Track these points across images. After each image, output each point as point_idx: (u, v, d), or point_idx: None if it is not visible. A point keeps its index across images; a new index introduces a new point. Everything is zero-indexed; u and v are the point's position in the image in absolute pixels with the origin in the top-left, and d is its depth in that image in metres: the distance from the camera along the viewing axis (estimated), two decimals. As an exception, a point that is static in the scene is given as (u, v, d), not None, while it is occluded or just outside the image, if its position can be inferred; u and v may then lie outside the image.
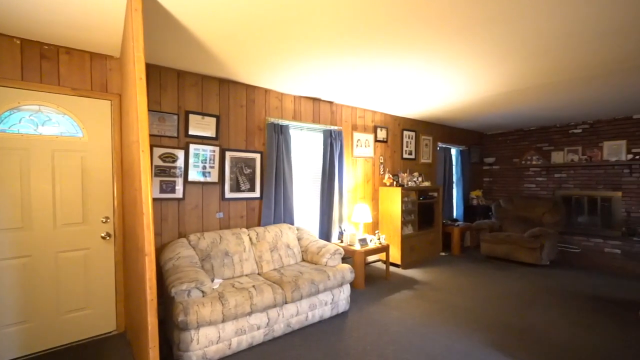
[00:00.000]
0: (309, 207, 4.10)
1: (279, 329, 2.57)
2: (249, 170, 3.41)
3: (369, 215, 4.15)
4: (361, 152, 4.53)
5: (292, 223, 3.66)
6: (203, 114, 3.09)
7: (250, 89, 3.42)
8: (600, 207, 5.29)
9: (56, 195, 2.44)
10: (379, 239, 4.02)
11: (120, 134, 2.64)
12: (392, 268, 4.49)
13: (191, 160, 3.02)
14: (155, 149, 2.83)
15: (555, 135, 5.85)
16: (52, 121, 2.42)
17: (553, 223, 4.92)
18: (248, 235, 3.13)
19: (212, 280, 2.66)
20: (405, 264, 4.50)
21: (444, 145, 5.86)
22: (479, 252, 5.49)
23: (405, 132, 5.19)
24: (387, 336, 2.61)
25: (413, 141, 5.33)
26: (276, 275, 2.85)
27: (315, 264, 3.16)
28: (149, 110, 2.79)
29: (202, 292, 2.31)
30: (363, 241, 3.84)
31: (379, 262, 4.78)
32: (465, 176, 6.24)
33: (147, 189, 1.57)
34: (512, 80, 3.20)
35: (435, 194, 5.16)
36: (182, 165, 2.98)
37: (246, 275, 2.88)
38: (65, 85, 2.44)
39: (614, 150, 5.17)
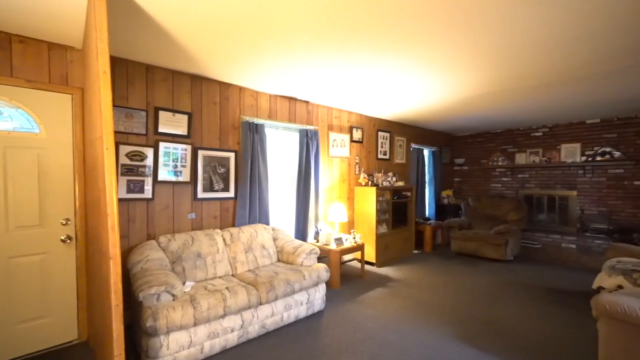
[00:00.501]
0: (285, 207, 4.08)
1: (254, 330, 2.53)
2: (222, 170, 3.33)
3: (345, 214, 4.19)
4: (337, 152, 4.56)
5: (267, 223, 3.61)
6: (174, 111, 2.98)
7: (224, 86, 3.34)
8: (558, 206, 5.68)
9: (8, 196, 2.25)
10: (354, 238, 4.07)
11: (83, 131, 2.48)
12: (367, 266, 4.56)
13: (161, 158, 2.90)
14: (121, 146, 2.69)
15: (519, 138, 6.20)
16: (4, 115, 2.23)
17: (517, 220, 5.22)
18: (222, 236, 3.06)
19: (184, 283, 2.57)
20: (380, 262, 4.59)
21: (417, 146, 6.03)
22: (449, 249, 5.70)
23: (380, 133, 5.29)
24: (361, 333, 2.65)
25: (388, 142, 5.44)
26: (251, 276, 2.81)
27: (291, 264, 3.14)
28: (114, 105, 2.65)
29: (173, 295, 2.22)
30: (339, 240, 3.87)
31: (355, 261, 4.84)
32: (437, 176, 6.46)
33: (112, 188, 1.49)
34: (481, 85, 3.35)
35: (409, 194, 5.30)
36: (152, 164, 2.85)
37: (220, 277, 2.81)
38: (19, 77, 2.25)
39: (570, 153, 5.56)
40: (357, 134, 4.85)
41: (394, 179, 5.10)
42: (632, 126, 5.04)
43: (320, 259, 4.22)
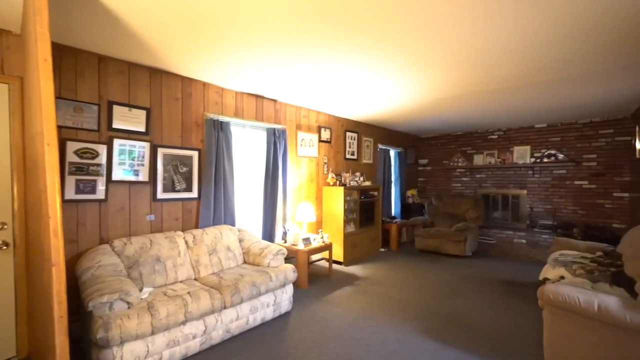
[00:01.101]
0: (252, 207, 3.99)
1: (218, 336, 2.44)
2: (185, 169, 3.17)
3: (313, 214, 4.18)
4: (305, 151, 4.55)
5: (233, 224, 3.51)
6: (130, 106, 2.79)
7: (186, 81, 3.19)
8: (511, 204, 6.11)
9: None
10: (322, 237, 4.08)
11: (23, 125, 2.24)
12: (335, 266, 4.60)
13: (116, 156, 2.70)
14: (69, 143, 2.46)
15: (477, 140, 6.59)
16: None
17: (475, 218, 5.53)
18: (184, 238, 2.91)
19: (141, 290, 2.42)
20: (347, 261, 4.65)
21: (383, 147, 6.19)
22: (414, 246, 5.91)
23: (348, 133, 5.35)
24: (328, 333, 2.66)
25: (355, 142, 5.53)
26: (215, 279, 2.71)
27: (258, 265, 3.07)
28: (61, 98, 2.42)
29: (128, 303, 2.08)
30: (307, 240, 3.86)
31: (323, 261, 4.86)
32: (402, 176, 6.68)
33: (54, 188, 1.35)
34: (445, 88, 3.50)
35: (376, 193, 5.42)
36: (105, 163, 2.64)
37: (181, 282, 2.67)
38: (-58, 62, 1.98)
39: (521, 154, 6.01)
40: (325, 134, 4.87)
41: (362, 178, 5.19)
42: (573, 131, 5.55)
43: (288, 260, 4.17)
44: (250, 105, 3.81)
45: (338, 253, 4.59)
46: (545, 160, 5.67)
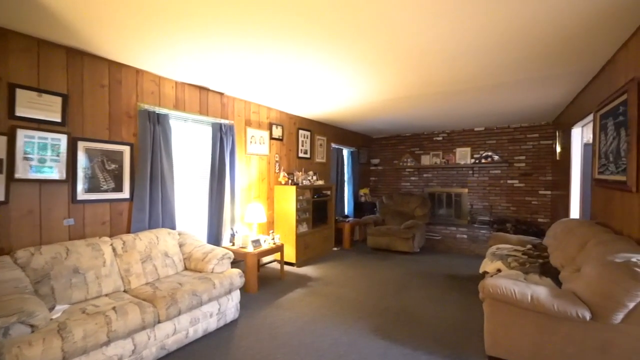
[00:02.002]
0: (196, 208, 3.67)
1: (150, 354, 2.15)
2: (113, 166, 2.79)
3: (264, 214, 4.00)
4: (256, 149, 4.34)
5: (173, 227, 3.18)
6: (41, 91, 2.35)
7: (115, 66, 2.80)
8: (454, 201, 6.51)
9: None
10: (273, 239, 3.91)
11: None
12: (287, 267, 4.46)
13: (20, 150, 2.26)
14: (-48, 132, 1.99)
15: (424, 141, 6.92)
16: None
17: (422, 216, 5.78)
18: (111, 245, 2.55)
19: (52, 308, 2.04)
20: (300, 262, 4.53)
21: (337, 146, 6.20)
22: (366, 244, 5.99)
23: (301, 132, 5.24)
24: (278, 340, 2.51)
25: (308, 140, 5.44)
26: (148, 290, 2.40)
27: (201, 271, 2.81)
28: (-61, 76, 1.94)
29: (32, 326, 1.73)
30: (256, 242, 3.66)
31: (275, 262, 4.69)
32: (355, 175, 6.76)
33: None
34: (395, 89, 3.56)
35: (329, 192, 5.39)
36: (5, 157, 2.19)
37: (106, 295, 2.32)
38: None
39: (463, 155, 6.43)
40: (277, 132, 4.70)
41: (315, 177, 5.11)
42: (506, 134, 6.09)
43: (235, 264, 3.93)
44: (193, 97, 3.50)
45: (290, 254, 4.46)
46: (483, 161, 6.14)
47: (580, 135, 4.11)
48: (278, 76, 3.20)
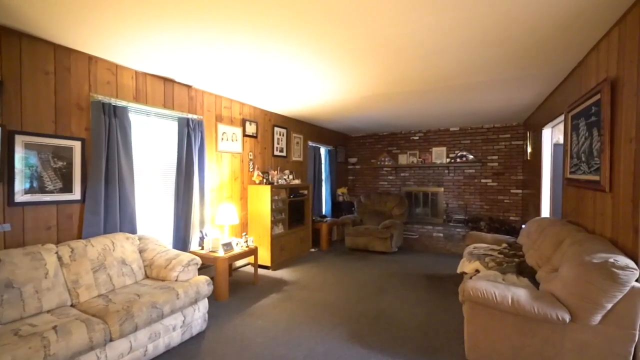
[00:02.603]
0: (161, 210, 3.39)
1: (100, 377, 1.90)
2: (61, 164, 2.48)
3: (236, 216, 3.77)
4: (228, 146, 4.09)
5: (133, 231, 2.90)
6: (-34, 75, 2.02)
7: (62, 51, 2.49)
8: (430, 200, 6.56)
9: None
10: (246, 242, 3.69)
11: None
12: (261, 271, 4.25)
13: (-60, 144, 1.92)
14: None
15: (400, 141, 6.92)
16: None
17: (400, 215, 5.76)
18: (56, 253, 2.25)
19: (-23, 330, 1.74)
20: (275, 265, 4.34)
21: (314, 144, 6.04)
22: (344, 245, 5.89)
23: (276, 129, 5.04)
24: (248, 351, 2.32)
25: (284, 138, 5.25)
26: (100, 303, 2.13)
27: (163, 280, 2.56)
28: None
29: (-55, 355, 1.44)
30: (228, 246, 3.43)
31: (249, 266, 4.46)
32: (333, 174, 6.65)
33: None
34: (368, 86, 3.45)
35: (306, 192, 5.23)
36: None
37: (48, 312, 2.03)
38: None
39: (439, 155, 6.49)
40: (250, 128, 4.48)
41: (291, 176, 4.93)
42: (479, 134, 6.20)
43: (205, 269, 3.68)
44: (157, 89, 3.21)
45: (265, 257, 4.26)
46: (458, 160, 6.22)
47: (550, 136, 4.21)
48: (250, 69, 2.99)
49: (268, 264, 4.24)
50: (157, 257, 2.68)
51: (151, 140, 3.27)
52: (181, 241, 3.38)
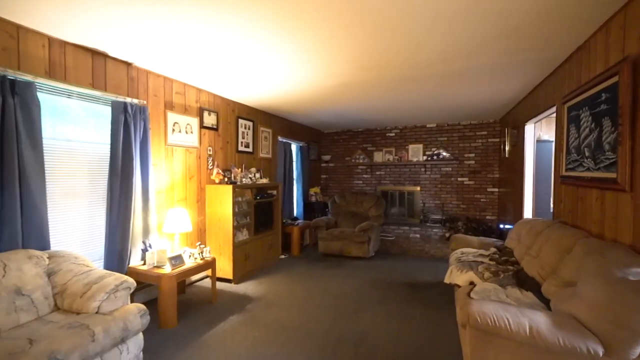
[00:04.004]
0: (91, 218, 2.70)
1: None
2: None
3: (189, 222, 3.15)
4: (181, 139, 3.45)
5: (44, 247, 2.21)
6: None
7: None
8: (406, 200, 6.27)
9: None
10: (201, 253, 3.09)
11: None
12: (222, 285, 3.65)
13: None
14: None
15: (376, 137, 6.57)
16: None
17: (377, 216, 5.38)
18: None
19: None
20: (238, 278, 3.75)
21: (284, 140, 5.50)
22: (317, 250, 5.41)
23: (241, 121, 4.44)
24: (195, 405, 1.77)
25: (251, 132, 4.66)
26: (-30, 358, 1.47)
27: (79, 312, 1.92)
28: None
29: None
30: (177, 259, 2.82)
31: (208, 279, 3.85)
32: (305, 173, 6.15)
33: None
34: (342, 71, 2.98)
35: (275, 192, 4.68)
36: None
37: None
38: None
39: (416, 152, 6.22)
40: (210, 119, 3.85)
41: (258, 175, 4.37)
42: (456, 131, 5.99)
43: (145, 290, 3.04)
44: (81, 63, 2.53)
45: (226, 268, 3.66)
46: (435, 158, 5.98)
47: (533, 132, 4.02)
48: (204, 47, 2.43)
49: (230, 276, 3.65)
50: (72, 281, 2.03)
51: (76, 129, 2.57)
52: (116, 257, 2.71)
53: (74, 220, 2.57)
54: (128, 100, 2.81)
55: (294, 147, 5.96)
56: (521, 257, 2.71)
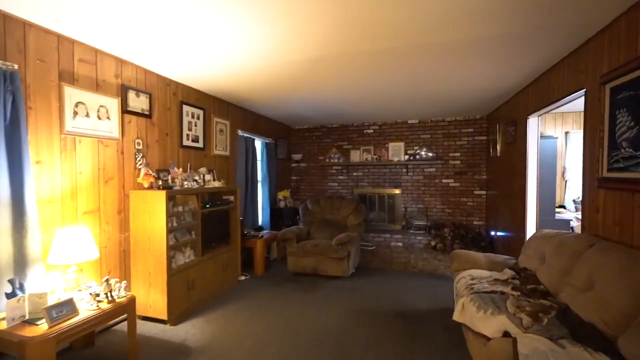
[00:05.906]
0: None
1: None
2: None
3: (94, 246, 2.16)
4: (88, 126, 2.43)
5: None
6: None
7: None
8: (387, 204, 5.59)
9: None
10: (109, 291, 2.09)
11: None
12: (152, 328, 2.66)
13: None
14: None
15: (353, 135, 5.84)
16: None
17: (356, 225, 4.61)
18: None
19: None
20: (175, 317, 2.78)
21: (246, 135, 4.57)
22: (286, 267, 4.49)
23: (187, 108, 3.47)
24: None
25: (201, 123, 3.69)
26: None
27: None
28: None
29: None
30: (63, 308, 1.82)
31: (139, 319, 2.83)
32: (272, 174, 5.25)
33: None
34: (315, 41, 2.16)
35: (232, 198, 3.75)
36: None
37: None
38: None
39: (396, 151, 5.56)
40: (139, 102, 2.85)
41: (209, 177, 3.42)
42: (440, 128, 5.41)
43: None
44: None
45: (159, 305, 2.68)
46: (418, 157, 5.35)
47: (537, 126, 3.46)
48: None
49: (164, 316, 2.67)
50: None
51: None
52: (-48, 309, 1.67)
53: None
54: (-18, 59, 1.77)
55: (258, 143, 5.04)
56: (555, 285, 2.05)
